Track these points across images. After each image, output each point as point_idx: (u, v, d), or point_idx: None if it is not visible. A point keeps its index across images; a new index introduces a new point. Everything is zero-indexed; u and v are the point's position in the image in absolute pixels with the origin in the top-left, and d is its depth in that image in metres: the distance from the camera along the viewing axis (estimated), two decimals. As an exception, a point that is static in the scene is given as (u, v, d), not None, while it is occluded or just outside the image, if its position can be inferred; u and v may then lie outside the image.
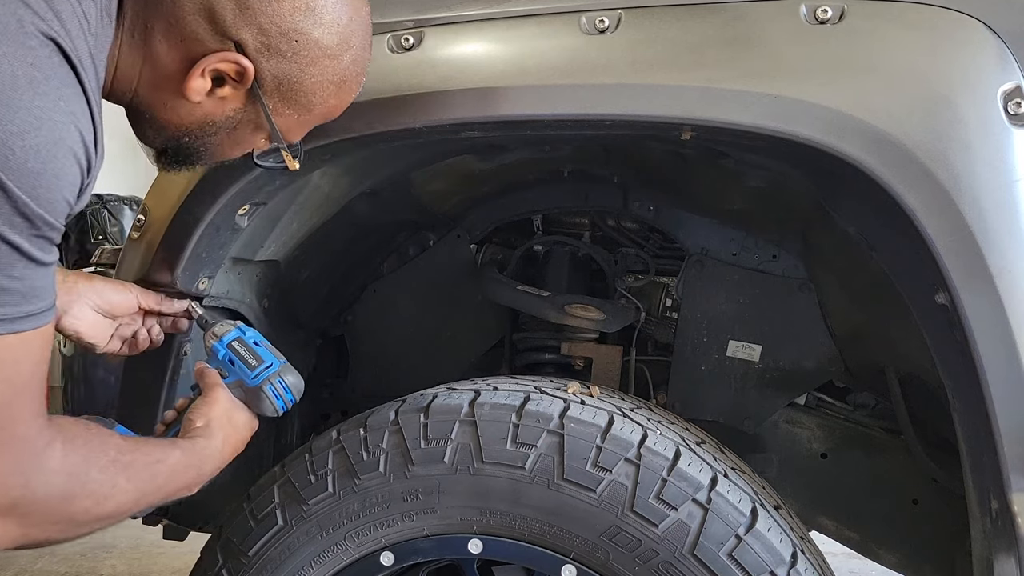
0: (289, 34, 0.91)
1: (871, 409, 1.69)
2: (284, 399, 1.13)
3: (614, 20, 1.06)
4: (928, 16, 1.00)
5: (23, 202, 0.71)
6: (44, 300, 0.78)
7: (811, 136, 1.00)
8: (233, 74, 0.91)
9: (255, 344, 1.17)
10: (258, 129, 1.00)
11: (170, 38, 0.89)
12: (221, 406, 1.09)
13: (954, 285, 0.97)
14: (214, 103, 0.94)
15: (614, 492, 1.08)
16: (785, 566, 1.06)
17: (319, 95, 0.97)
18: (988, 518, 1.03)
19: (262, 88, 0.94)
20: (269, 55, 0.91)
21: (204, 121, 0.96)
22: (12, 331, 0.74)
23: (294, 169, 1.06)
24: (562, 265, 1.73)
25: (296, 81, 0.94)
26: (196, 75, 0.90)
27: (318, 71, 0.95)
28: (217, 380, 1.12)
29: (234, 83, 0.92)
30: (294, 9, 0.90)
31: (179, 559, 3.10)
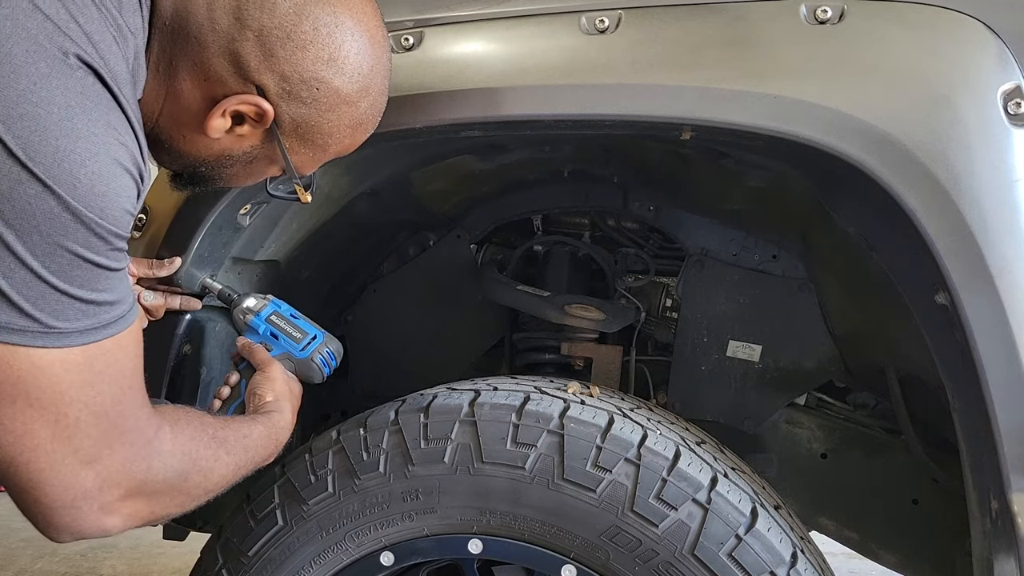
0: (310, 82, 0.93)
1: (871, 409, 1.69)
2: (330, 365, 1.22)
3: (614, 20, 1.07)
4: (928, 16, 1.00)
5: (96, 223, 0.76)
6: (127, 301, 0.84)
7: (811, 136, 1.00)
8: (253, 115, 0.94)
9: (292, 317, 1.23)
10: (273, 163, 1.02)
11: (194, 77, 0.92)
12: (281, 380, 1.17)
13: (954, 285, 0.97)
14: (232, 139, 0.97)
15: (614, 492, 1.08)
16: (785, 566, 1.06)
17: (335, 136, 1.00)
18: (988, 518, 1.03)
19: (280, 129, 0.96)
20: (289, 100, 0.94)
21: (221, 155, 0.99)
22: (108, 335, 0.81)
23: (306, 202, 1.10)
24: (562, 265, 1.73)
25: (314, 125, 0.97)
26: (217, 115, 0.92)
27: (336, 116, 0.97)
28: (268, 357, 1.19)
29: (253, 123, 0.95)
30: (317, 59, 0.92)
31: (179, 559, 3.10)
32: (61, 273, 0.76)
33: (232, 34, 0.90)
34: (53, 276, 0.75)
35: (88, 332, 0.79)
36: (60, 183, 0.73)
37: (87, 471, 0.81)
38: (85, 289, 0.78)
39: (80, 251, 0.76)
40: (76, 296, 0.77)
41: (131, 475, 0.84)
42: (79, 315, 0.78)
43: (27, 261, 0.73)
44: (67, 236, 0.75)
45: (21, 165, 0.71)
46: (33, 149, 0.72)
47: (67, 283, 0.76)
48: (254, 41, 0.90)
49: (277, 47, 0.91)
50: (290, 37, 0.91)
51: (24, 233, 0.73)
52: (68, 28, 0.76)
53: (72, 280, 0.76)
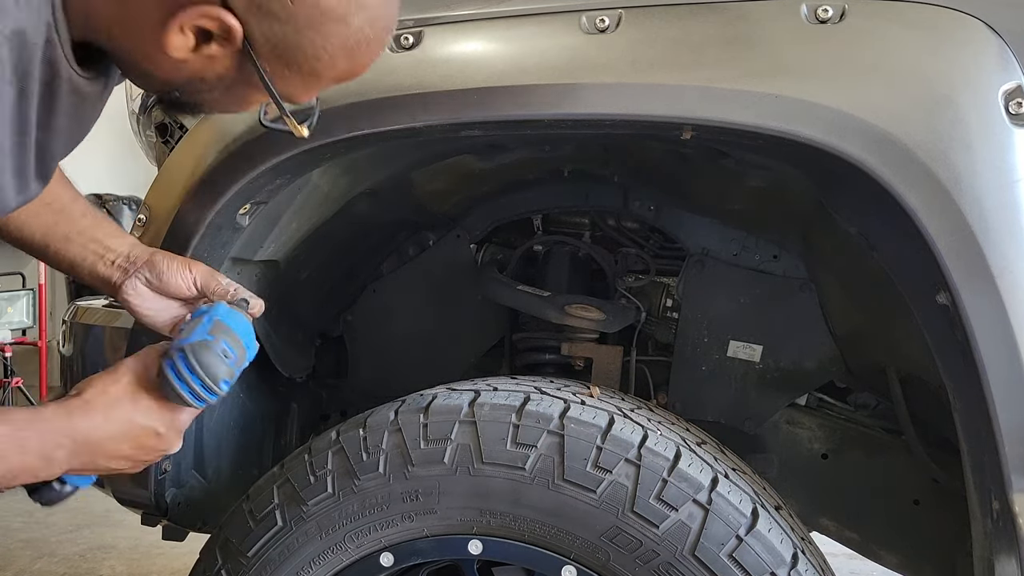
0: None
1: (872, 409, 1.69)
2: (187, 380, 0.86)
3: (614, 19, 1.06)
4: (929, 16, 1.00)
5: None
6: None
7: (812, 136, 1.00)
8: (219, 31, 0.78)
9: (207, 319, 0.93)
10: (257, 89, 0.86)
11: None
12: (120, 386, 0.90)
13: (955, 285, 0.97)
14: (201, 61, 0.81)
15: (614, 493, 1.08)
16: (786, 567, 1.06)
17: (325, 60, 0.83)
18: (989, 518, 1.03)
19: (255, 50, 0.80)
20: (260, 15, 0.78)
21: (192, 78, 0.84)
22: None
23: (301, 136, 0.93)
24: (562, 265, 1.73)
25: (295, 45, 0.81)
26: (174, 30, 0.77)
27: (320, 36, 0.81)
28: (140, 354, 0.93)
29: (222, 41, 0.79)
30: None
31: (178, 560, 3.10)
32: None
33: None
34: None
35: None
36: None
37: None
38: None
39: None
40: None
41: None
42: None
43: None
44: None
45: None
46: None
47: None
48: None
49: None
50: None
51: None
52: None
53: None
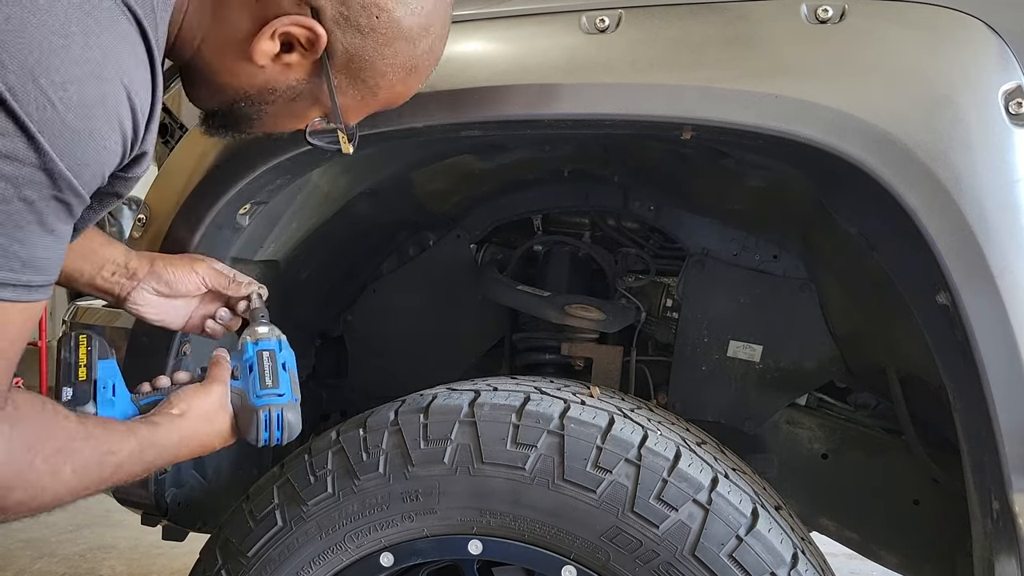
0: (370, 8, 0.86)
1: (872, 409, 1.69)
2: (272, 435, 1.05)
3: (614, 19, 1.06)
4: (929, 16, 1.00)
5: (50, 158, 0.66)
6: (42, 275, 0.73)
7: (812, 136, 1.00)
8: (304, 40, 0.87)
9: (283, 367, 1.09)
10: (316, 104, 0.95)
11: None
12: (210, 403, 1.02)
13: (955, 285, 0.97)
14: (278, 69, 0.90)
15: (614, 493, 1.08)
16: (786, 567, 1.06)
17: (388, 78, 0.93)
18: (989, 518, 1.03)
19: (331, 60, 0.89)
20: (346, 27, 0.87)
21: (264, 87, 0.92)
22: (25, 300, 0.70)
23: (347, 152, 1.00)
24: (562, 265, 1.73)
25: (368, 59, 0.90)
26: (266, 36, 0.85)
27: (392, 52, 0.90)
28: (225, 378, 1.05)
29: (303, 50, 0.88)
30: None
31: (178, 560, 3.10)
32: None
33: None
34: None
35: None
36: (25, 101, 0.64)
37: None
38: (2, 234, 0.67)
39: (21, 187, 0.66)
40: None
41: None
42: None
43: None
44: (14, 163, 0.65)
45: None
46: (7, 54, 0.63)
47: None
48: None
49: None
50: None
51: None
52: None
53: None
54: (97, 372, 1.02)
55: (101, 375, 1.02)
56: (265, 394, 1.05)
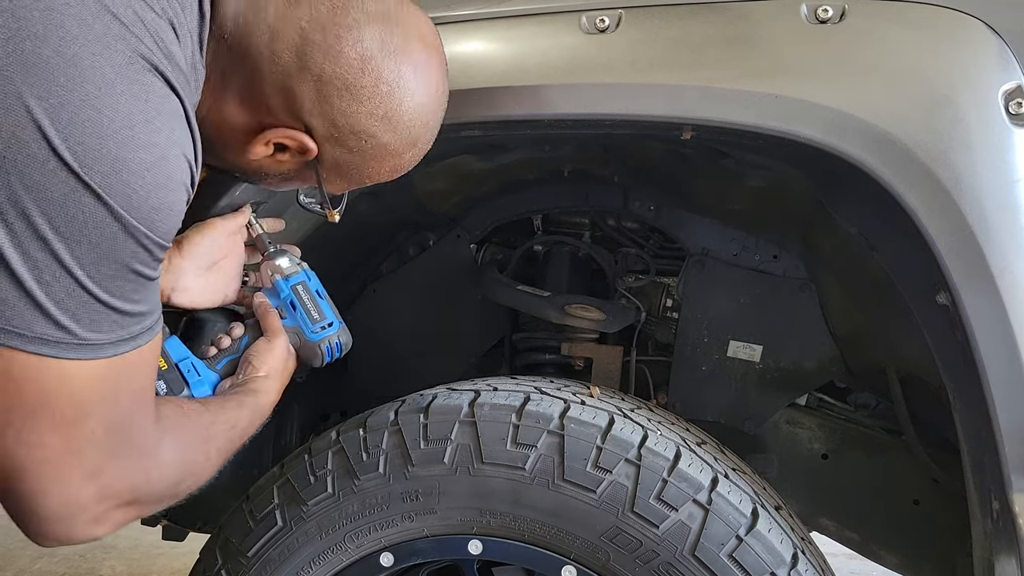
0: (360, 135, 0.92)
1: (872, 409, 1.69)
2: (334, 355, 1.18)
3: (614, 19, 1.06)
4: (929, 16, 1.00)
5: (144, 234, 0.75)
6: (157, 311, 0.83)
7: (812, 136, 1.00)
8: (296, 148, 0.93)
9: (318, 294, 1.18)
10: (307, 182, 1.03)
11: (245, 99, 0.90)
12: (280, 354, 1.13)
13: (955, 285, 0.97)
14: (272, 163, 0.96)
15: (614, 493, 1.08)
16: (786, 567, 1.06)
17: (373, 178, 1.00)
18: (989, 518, 1.03)
19: (321, 165, 0.96)
20: (335, 144, 0.93)
21: (258, 170, 0.99)
22: (136, 347, 0.79)
23: (333, 221, 1.10)
24: (562, 265, 1.73)
25: (355, 168, 0.97)
26: (260, 143, 0.92)
27: (378, 164, 0.97)
28: (280, 327, 1.15)
29: (295, 154, 0.95)
30: (371, 115, 0.91)
31: (178, 560, 3.10)
32: (105, 284, 0.74)
33: (291, 72, 0.88)
34: (96, 287, 0.73)
35: (119, 343, 0.77)
36: (114, 195, 0.71)
37: (89, 485, 0.79)
38: (124, 300, 0.76)
39: (127, 262, 0.75)
40: (115, 307, 0.75)
41: (131, 488, 0.83)
42: (113, 326, 0.76)
43: (73, 271, 0.72)
44: (116, 248, 0.73)
45: (75, 175, 0.69)
46: (90, 158, 0.70)
47: (109, 294, 0.74)
48: (312, 85, 0.88)
49: (334, 96, 0.89)
50: (349, 89, 0.89)
51: (74, 243, 0.71)
52: (136, 28, 0.73)
53: (114, 291, 0.75)
54: (172, 356, 1.09)
55: (176, 358, 1.10)
56: (317, 328, 1.17)
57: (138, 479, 0.83)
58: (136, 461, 0.82)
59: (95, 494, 0.79)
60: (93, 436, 0.77)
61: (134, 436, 0.82)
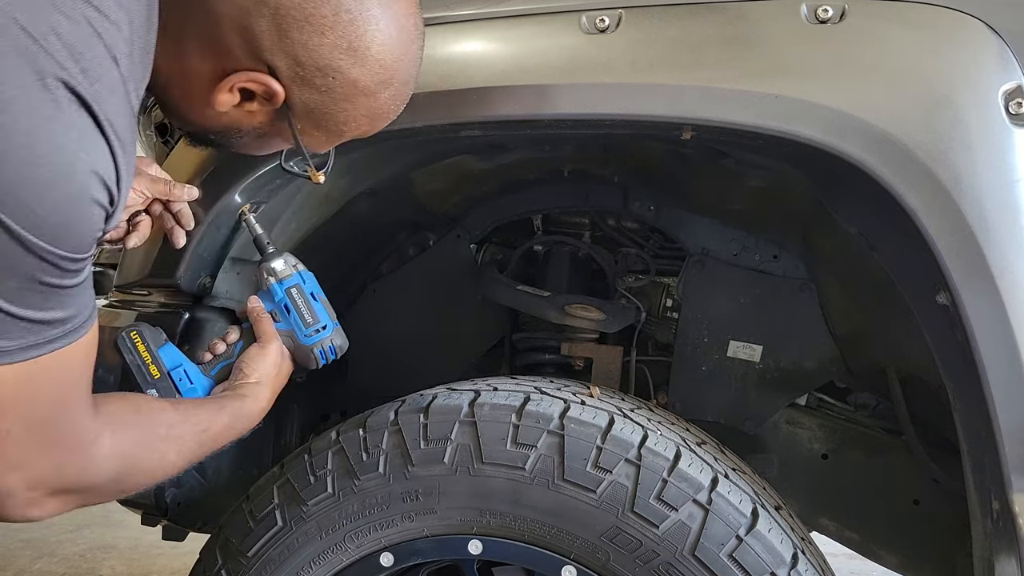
0: (325, 70, 0.88)
1: (872, 410, 1.69)
2: (328, 358, 1.19)
3: (614, 19, 1.06)
4: (929, 16, 1.00)
5: (47, 251, 0.73)
6: (81, 314, 0.80)
7: (812, 136, 1.00)
8: (262, 93, 0.90)
9: (312, 297, 1.18)
10: (284, 140, 0.99)
11: (204, 48, 0.87)
12: (273, 360, 1.14)
13: (955, 285, 0.97)
14: (242, 114, 0.93)
15: (614, 493, 1.08)
16: (786, 567, 1.06)
17: (350, 124, 0.96)
18: (989, 519, 1.03)
19: (292, 111, 0.92)
20: (302, 85, 0.89)
21: (230, 127, 0.95)
22: (51, 351, 0.78)
23: (317, 183, 1.07)
24: (562, 265, 1.73)
25: (328, 112, 0.93)
26: (224, 89, 0.88)
27: (351, 106, 0.93)
28: (273, 332, 1.15)
29: (263, 100, 0.91)
30: (335, 47, 0.87)
31: (178, 560, 3.10)
32: (9, 296, 0.73)
33: (247, 7, 0.84)
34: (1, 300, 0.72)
35: (30, 349, 0.76)
36: (11, 213, 0.69)
37: (12, 475, 0.80)
38: (33, 310, 0.75)
39: (33, 276, 0.73)
40: (23, 317, 0.74)
41: (61, 478, 0.84)
42: (24, 333, 0.75)
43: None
44: (18, 264, 0.72)
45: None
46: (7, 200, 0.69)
47: (13, 305, 0.73)
48: (269, 19, 0.84)
49: (293, 29, 0.85)
50: (308, 20, 0.85)
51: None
52: (47, 42, 0.69)
53: (20, 302, 0.74)
54: (165, 364, 1.11)
55: (169, 365, 1.12)
56: (311, 331, 1.17)
57: (69, 471, 0.84)
58: (65, 455, 0.83)
59: (21, 483, 0.81)
60: (10, 435, 0.78)
61: (61, 432, 0.82)
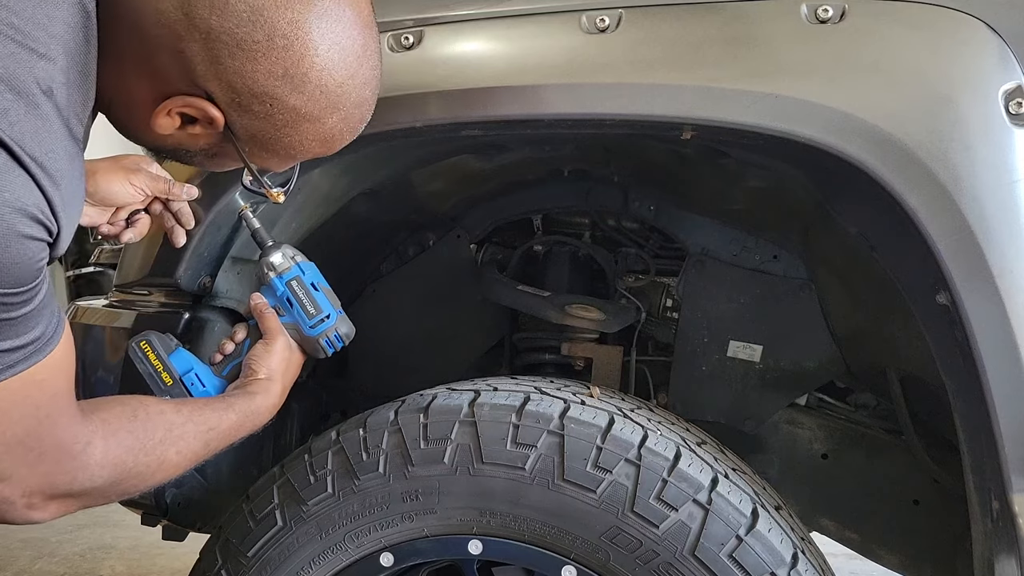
0: (262, 97, 0.84)
1: (872, 410, 1.69)
2: (335, 346, 1.18)
3: (614, 19, 1.06)
4: (929, 16, 1.00)
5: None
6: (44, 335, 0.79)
7: (812, 136, 1.00)
8: (202, 118, 0.86)
9: (313, 287, 1.18)
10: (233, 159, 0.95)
11: (140, 71, 0.83)
12: (280, 355, 1.13)
13: (955, 285, 0.97)
14: (186, 137, 0.89)
15: (614, 493, 1.08)
16: (786, 567, 1.06)
17: (300, 149, 0.91)
18: (989, 519, 1.03)
19: (235, 135, 0.87)
20: (240, 111, 0.85)
21: (177, 148, 0.92)
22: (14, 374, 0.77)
23: (277, 202, 1.04)
24: (562, 265, 1.73)
25: (273, 138, 0.88)
26: (162, 113, 0.85)
27: (296, 132, 0.88)
28: (278, 326, 1.14)
29: (205, 124, 0.87)
30: (269, 74, 0.82)
31: (178, 560, 3.10)
32: None
33: (179, 31, 0.80)
34: None
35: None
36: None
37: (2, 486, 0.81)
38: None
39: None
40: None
41: (53, 486, 0.84)
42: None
43: None
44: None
45: None
46: None
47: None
48: (201, 43, 0.80)
49: (224, 55, 0.80)
50: (240, 46, 0.80)
51: None
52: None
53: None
54: (176, 370, 1.11)
55: (180, 371, 1.12)
56: (315, 322, 1.16)
57: (60, 479, 0.84)
58: (51, 465, 0.83)
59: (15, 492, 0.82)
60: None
61: (43, 444, 0.82)
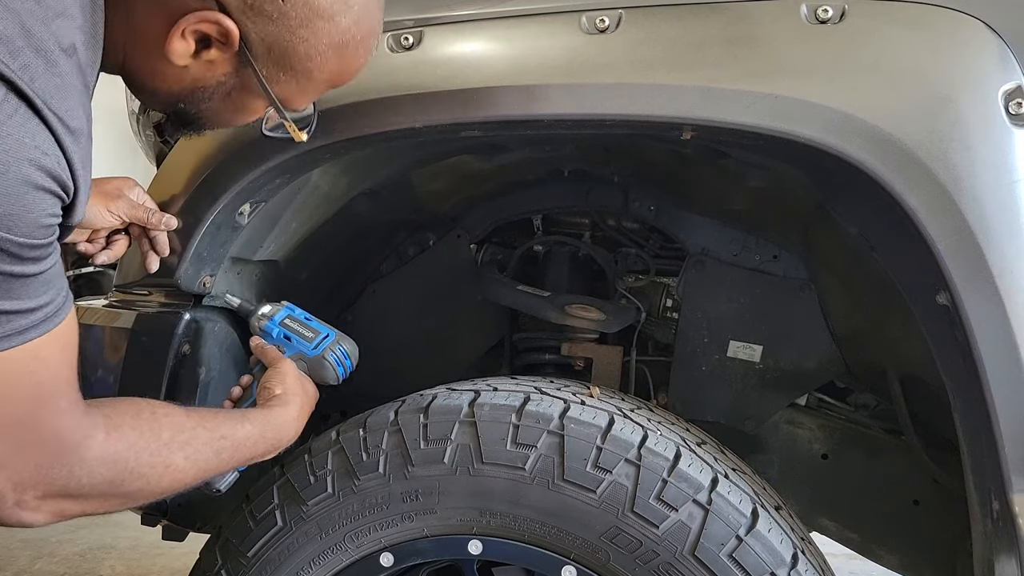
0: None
1: (872, 410, 1.69)
2: (344, 365, 1.22)
3: (614, 19, 1.06)
4: (929, 16, 1.00)
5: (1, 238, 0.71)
6: (51, 303, 0.79)
7: (812, 136, 1.00)
8: (217, 35, 0.85)
9: (306, 319, 1.24)
10: (256, 95, 0.93)
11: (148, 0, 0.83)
12: (293, 373, 1.15)
13: (955, 285, 0.97)
14: (202, 67, 0.88)
15: (614, 493, 1.08)
16: (786, 567, 1.06)
17: (316, 60, 0.89)
18: (989, 519, 1.03)
19: (251, 52, 0.86)
20: (254, 16, 0.84)
21: (194, 87, 0.91)
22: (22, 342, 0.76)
23: (300, 141, 1.01)
24: (562, 265, 1.73)
25: (287, 45, 0.87)
26: (176, 36, 0.83)
27: (311, 34, 0.87)
28: (279, 355, 1.18)
29: (220, 45, 0.86)
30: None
31: (178, 560, 3.10)
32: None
33: None
34: None
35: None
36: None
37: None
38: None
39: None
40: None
41: (48, 480, 0.81)
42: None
43: None
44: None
45: None
46: None
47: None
48: None
49: None
50: None
51: None
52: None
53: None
54: None
55: None
56: (316, 343, 1.22)
57: (56, 473, 0.81)
58: (47, 456, 0.80)
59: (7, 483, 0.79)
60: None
61: (42, 429, 0.80)
